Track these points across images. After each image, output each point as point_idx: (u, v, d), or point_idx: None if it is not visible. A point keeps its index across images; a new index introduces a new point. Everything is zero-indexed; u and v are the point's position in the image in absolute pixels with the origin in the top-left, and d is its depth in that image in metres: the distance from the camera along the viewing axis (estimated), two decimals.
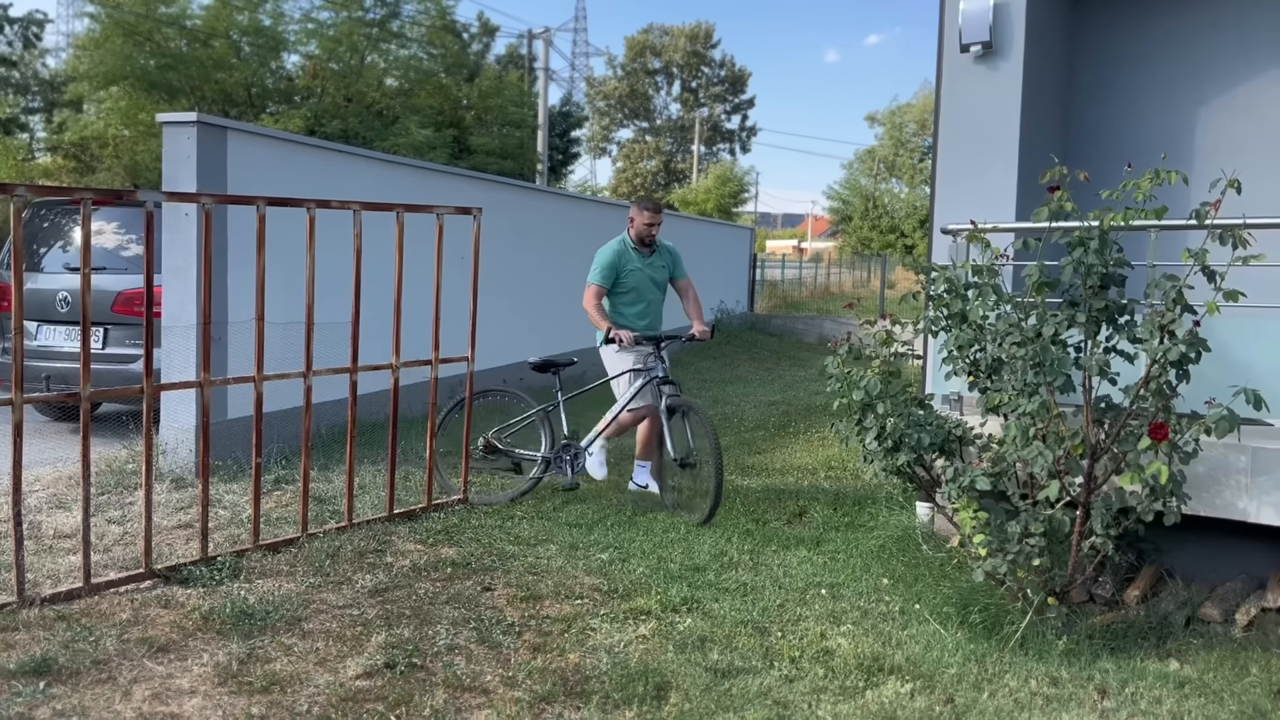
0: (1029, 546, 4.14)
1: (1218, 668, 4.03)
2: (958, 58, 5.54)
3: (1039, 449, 4.06)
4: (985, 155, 5.41)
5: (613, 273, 6.03)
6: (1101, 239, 4.06)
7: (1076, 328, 4.14)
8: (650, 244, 6.16)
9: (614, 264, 6.04)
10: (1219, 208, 3.91)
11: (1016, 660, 4.05)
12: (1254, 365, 4.39)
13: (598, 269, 6.03)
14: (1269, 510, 4.31)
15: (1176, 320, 3.93)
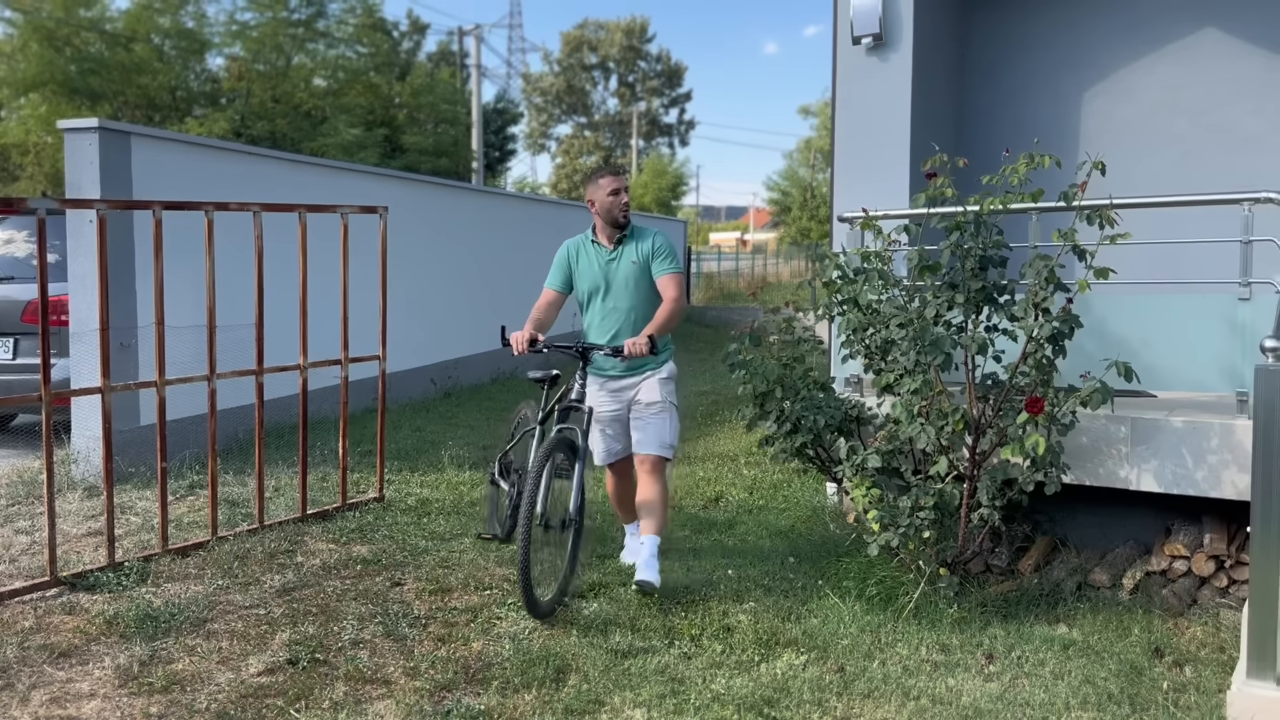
0: (919, 520, 4.29)
1: (1102, 630, 4.21)
2: (850, 51, 5.68)
3: (921, 426, 4.21)
4: (879, 145, 5.57)
5: (561, 272, 4.69)
6: (978, 222, 4.22)
7: (957, 308, 4.29)
8: (623, 226, 4.59)
9: (562, 262, 4.70)
10: (1085, 189, 4.08)
11: (909, 630, 4.20)
12: (1129, 339, 4.59)
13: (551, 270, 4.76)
14: (1148, 478, 4.51)
15: (1050, 298, 4.10)
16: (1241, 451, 4.30)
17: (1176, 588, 4.54)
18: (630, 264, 4.57)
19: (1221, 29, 5.37)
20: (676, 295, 4.47)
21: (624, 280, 4.57)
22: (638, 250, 4.57)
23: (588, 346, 4.42)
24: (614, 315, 4.59)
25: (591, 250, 4.66)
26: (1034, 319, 4.14)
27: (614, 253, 4.59)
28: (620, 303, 4.59)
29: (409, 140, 24.61)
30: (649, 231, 4.62)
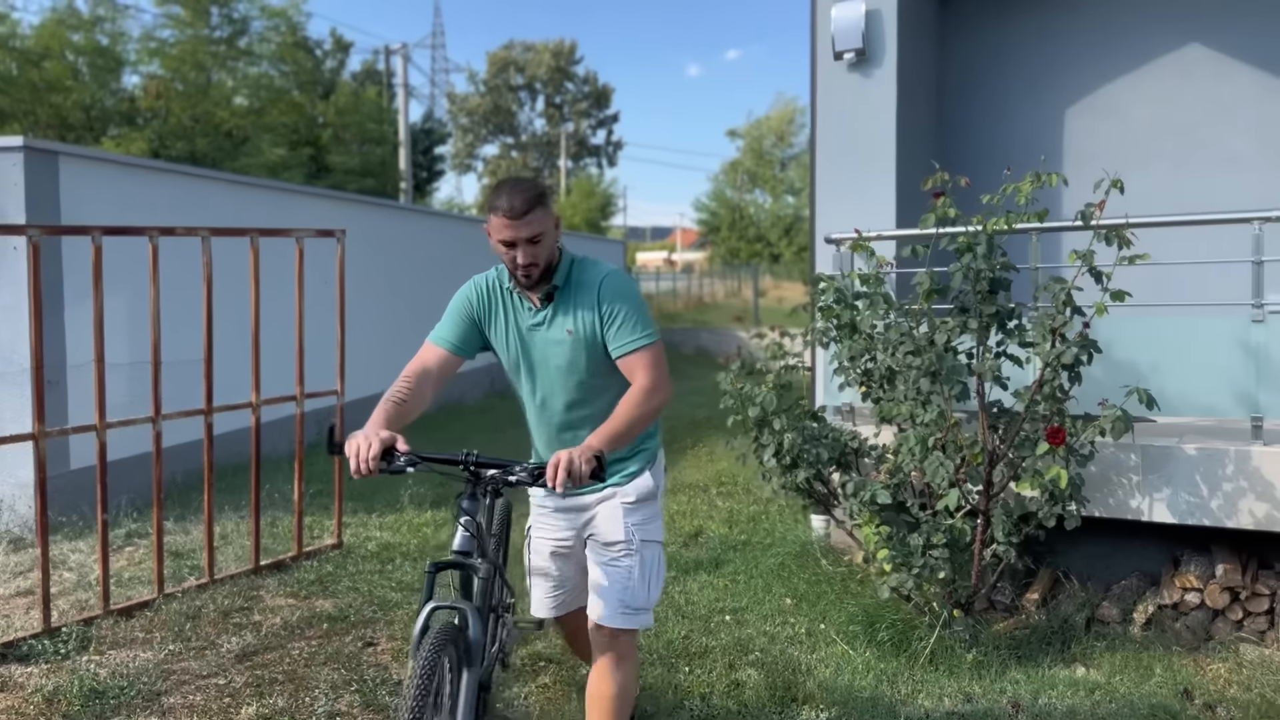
0: (934, 559, 4.05)
1: (1123, 670, 4.02)
2: (831, 66, 5.48)
3: (939, 459, 3.98)
4: (863, 162, 5.37)
5: (459, 324, 2.82)
6: (990, 244, 4.02)
7: (968, 334, 4.08)
8: (544, 278, 2.73)
9: (464, 309, 2.83)
10: (1104, 208, 3.90)
11: (928, 677, 3.95)
12: (1138, 363, 4.44)
13: (444, 316, 2.89)
14: (1161, 508, 4.34)
15: (1068, 322, 3.91)
16: (1259, 479, 4.15)
17: (1189, 621, 4.38)
18: (564, 336, 2.71)
19: (1206, 45, 5.30)
20: (651, 383, 2.65)
21: (555, 360, 2.75)
22: (576, 312, 2.70)
23: (481, 463, 2.52)
24: (547, 413, 2.83)
25: (510, 304, 2.78)
26: (1051, 345, 3.94)
27: (539, 315, 2.74)
28: (554, 396, 2.79)
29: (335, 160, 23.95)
30: (595, 274, 2.74)
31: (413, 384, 2.71)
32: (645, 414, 2.64)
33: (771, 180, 43.02)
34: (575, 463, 2.38)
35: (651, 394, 2.65)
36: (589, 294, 2.73)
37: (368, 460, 2.40)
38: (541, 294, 2.74)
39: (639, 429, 2.64)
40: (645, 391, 2.65)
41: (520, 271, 2.67)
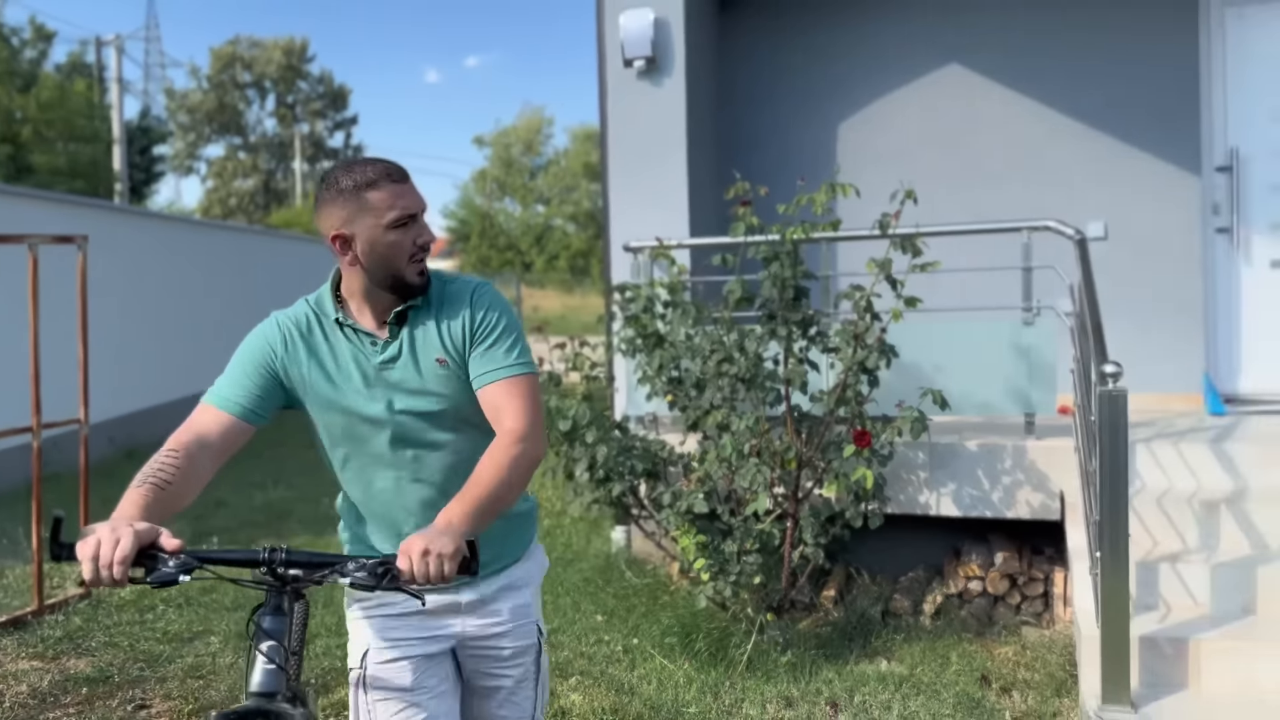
0: (749, 565, 4.06)
1: (923, 661, 4.18)
2: (621, 73, 5.43)
3: (754, 465, 3.99)
4: (656, 170, 5.35)
5: (254, 380, 2.05)
6: (795, 252, 4.08)
7: (776, 340, 4.13)
8: (420, 289, 2.06)
9: (260, 360, 2.07)
10: (899, 218, 4.06)
11: (749, 684, 3.94)
12: (923, 365, 4.66)
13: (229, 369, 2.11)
14: (947, 502, 4.58)
15: (869, 328, 4.04)
16: (1034, 471, 4.47)
17: (973, 608, 4.65)
18: (433, 369, 2.05)
19: (964, 66, 5.69)
20: (529, 426, 1.99)
21: (421, 406, 2.07)
22: (445, 337, 2.06)
23: (293, 562, 1.81)
24: (406, 488, 2.08)
25: (339, 342, 2.08)
26: (853, 350, 4.05)
27: (390, 348, 2.06)
28: (420, 462, 2.08)
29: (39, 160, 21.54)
30: (464, 285, 2.12)
31: (182, 460, 1.87)
32: (523, 471, 1.94)
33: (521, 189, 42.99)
34: (441, 551, 1.72)
35: (528, 441, 1.96)
36: (457, 308, 2.06)
37: (112, 566, 1.63)
38: (392, 319, 2.05)
39: (516, 493, 1.93)
40: (520, 438, 1.95)
41: (418, 262, 2.02)
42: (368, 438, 2.06)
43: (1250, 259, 5.58)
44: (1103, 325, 3.73)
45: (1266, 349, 5.57)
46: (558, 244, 40.07)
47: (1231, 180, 5.52)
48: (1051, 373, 4.53)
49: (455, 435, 2.07)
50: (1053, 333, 4.52)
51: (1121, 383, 3.26)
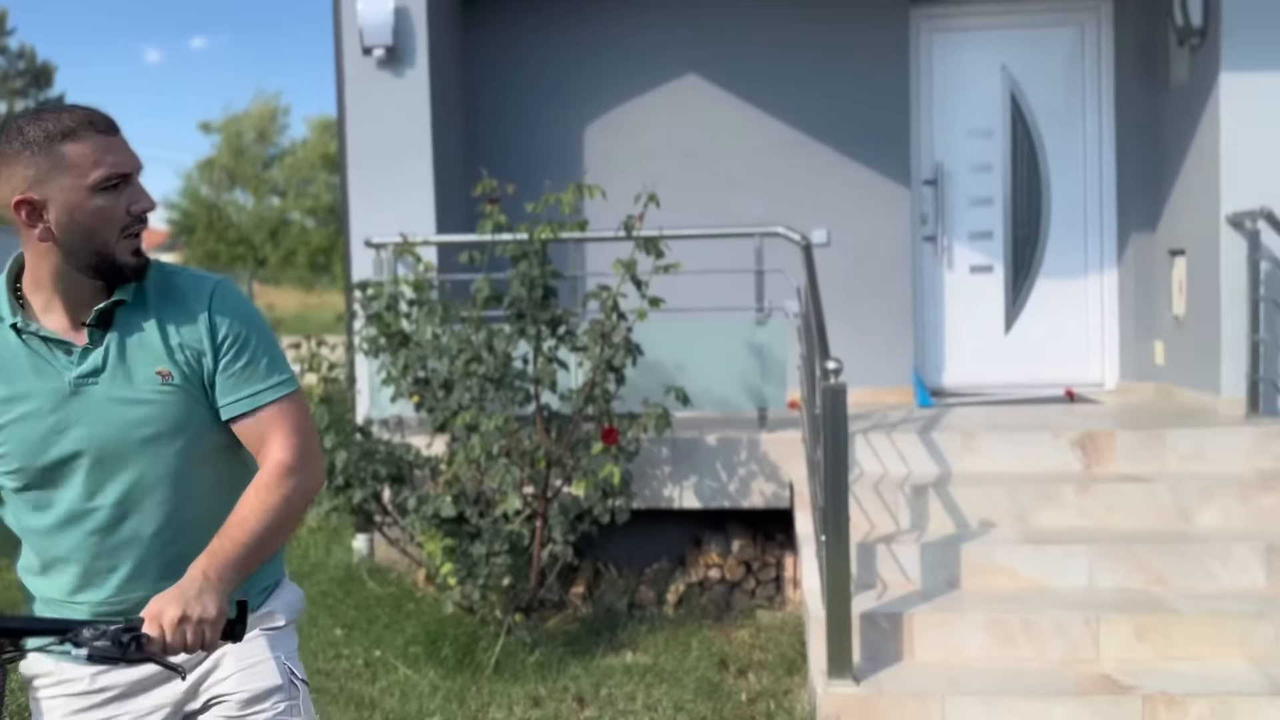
0: (498, 567, 4.02)
1: (666, 650, 4.31)
2: (360, 62, 5.23)
3: (504, 466, 3.96)
4: (399, 165, 5.20)
5: None
6: (544, 251, 4.08)
7: (526, 340, 4.12)
8: (136, 272, 1.63)
9: None
10: (643, 220, 4.15)
11: (496, 687, 3.91)
12: (665, 363, 4.80)
13: None
14: (690, 495, 4.74)
15: (615, 327, 4.10)
16: (767, 463, 4.71)
17: (713, 595, 4.84)
18: (153, 383, 1.64)
19: (702, 75, 5.91)
20: (297, 456, 1.66)
21: (137, 431, 1.64)
22: (170, 341, 1.65)
23: (7, 630, 1.50)
24: (120, 534, 1.67)
25: (25, 353, 1.63)
26: (600, 349, 4.10)
27: (94, 354, 1.63)
28: (138, 503, 1.66)
29: None
30: (199, 283, 1.71)
31: None
32: (297, 509, 1.65)
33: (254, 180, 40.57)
34: (202, 616, 1.45)
35: (300, 473, 1.65)
36: (190, 311, 1.65)
37: None
38: (91, 317, 1.61)
39: (287, 535, 1.68)
40: (289, 470, 1.63)
41: (134, 237, 1.60)
42: (63, 476, 1.63)
43: (953, 265, 6.16)
44: (825, 325, 3.99)
45: (967, 347, 6.17)
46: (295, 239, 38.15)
47: (937, 193, 6.07)
48: (782, 369, 4.79)
49: (180, 465, 1.66)
50: (783, 332, 4.79)
51: (841, 378, 3.49)
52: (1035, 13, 5.98)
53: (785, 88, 5.87)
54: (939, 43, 6.08)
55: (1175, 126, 5.36)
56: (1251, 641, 3.59)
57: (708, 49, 5.89)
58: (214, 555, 1.53)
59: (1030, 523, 4.25)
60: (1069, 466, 4.54)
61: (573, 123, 5.94)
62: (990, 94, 6.06)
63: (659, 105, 5.91)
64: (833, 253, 5.89)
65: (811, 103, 5.86)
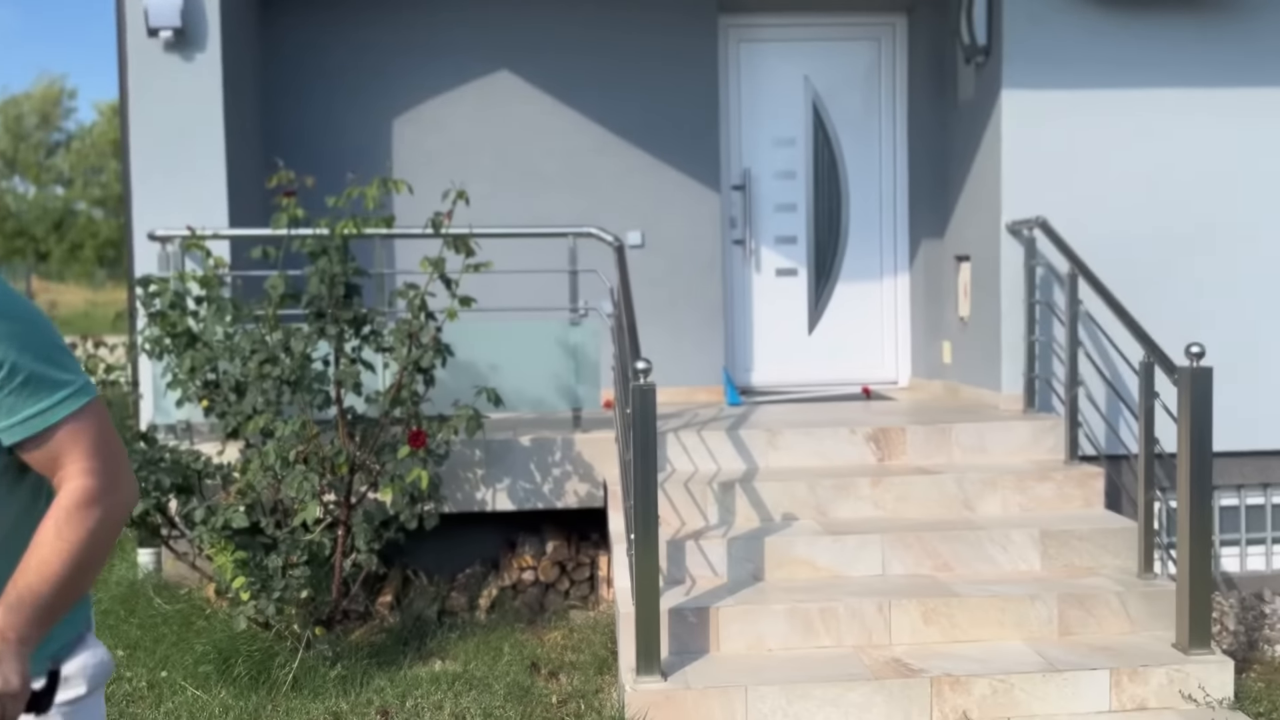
0: (295, 579, 3.83)
1: (476, 656, 4.23)
2: (145, 44, 4.89)
3: (302, 473, 3.77)
4: (188, 155, 4.89)
5: None
6: (345, 247, 3.92)
7: (325, 340, 3.94)
8: None
9: None
10: (452, 217, 4.06)
11: (294, 705, 3.72)
12: (478, 364, 4.72)
13: None
14: (503, 497, 4.68)
15: (423, 327, 3.99)
16: (581, 463, 4.70)
17: (527, 597, 4.79)
18: None
19: (514, 72, 5.83)
20: (98, 483, 1.42)
21: None
22: None
23: None
24: None
25: None
26: (407, 350, 3.98)
27: None
28: None
29: None
30: None
31: None
32: (105, 541, 1.42)
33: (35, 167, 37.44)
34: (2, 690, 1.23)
35: (105, 498, 1.42)
36: None
37: None
38: None
39: (95, 574, 1.43)
40: (92, 498, 1.41)
41: None
42: None
43: (760, 268, 6.34)
44: (636, 325, 4.01)
45: (774, 346, 6.37)
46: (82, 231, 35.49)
47: (745, 198, 6.23)
48: (596, 370, 4.80)
49: None
50: (597, 332, 4.79)
51: (651, 378, 3.51)
52: (836, 27, 6.23)
53: (600, 90, 5.89)
54: (746, 52, 6.25)
55: (962, 140, 5.71)
56: (1027, 623, 3.85)
57: (521, 48, 5.83)
58: (11, 610, 1.29)
59: (829, 515, 4.41)
60: (865, 460, 4.75)
61: (380, 116, 5.75)
62: (794, 104, 6.28)
63: (471, 101, 5.81)
64: (647, 254, 5.95)
65: (626, 106, 5.90)
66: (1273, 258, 5.14)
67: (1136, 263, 5.11)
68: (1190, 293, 5.14)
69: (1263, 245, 5.13)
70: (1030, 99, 5.10)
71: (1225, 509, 5.33)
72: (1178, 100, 5.10)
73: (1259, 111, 5.11)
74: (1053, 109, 5.10)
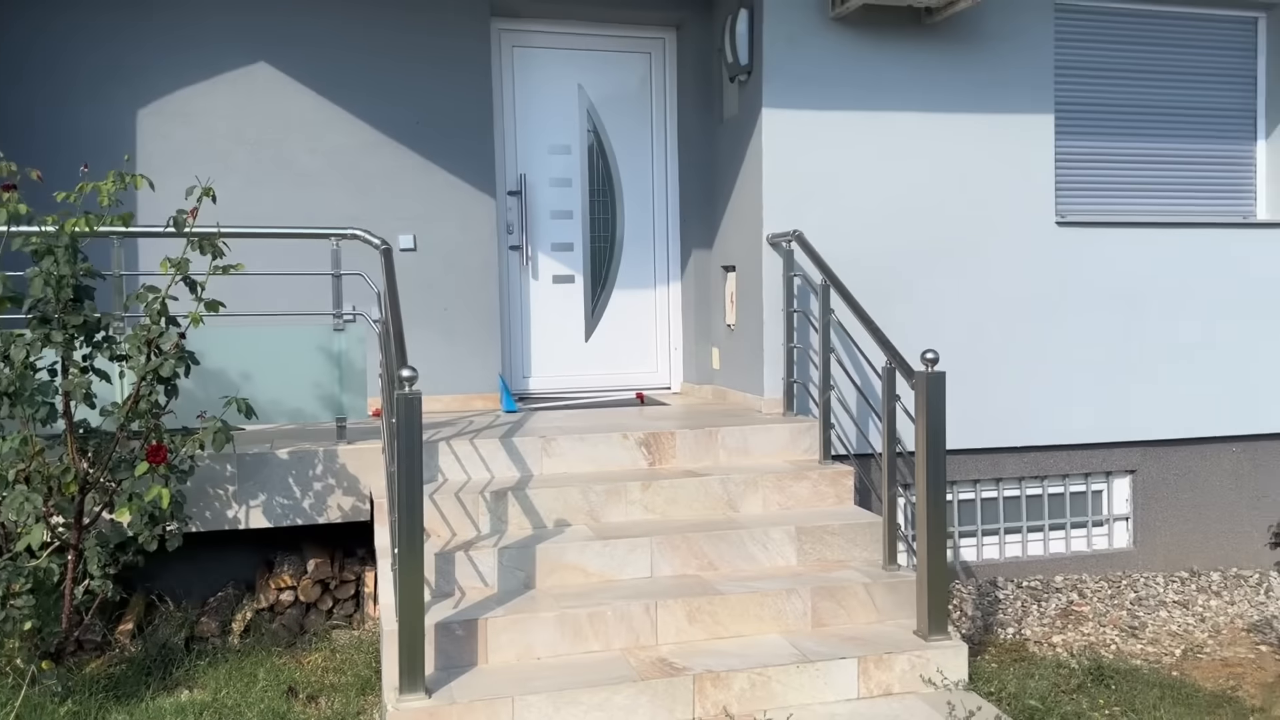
0: (16, 610, 3.47)
1: (228, 683, 3.98)
2: None
3: (23, 494, 3.42)
4: None
5: None
6: (74, 246, 3.59)
7: (51, 348, 3.60)
8: None
9: None
10: (196, 215, 3.80)
11: None
12: (229, 372, 4.44)
13: None
14: (258, 514, 4.42)
15: (164, 333, 3.71)
16: (345, 475, 4.51)
17: (286, 619, 4.56)
18: None
19: (273, 64, 5.53)
20: None
21: None
22: None
23: None
24: None
25: None
26: (146, 358, 3.69)
27: None
28: None
29: None
30: None
31: None
32: None
33: None
34: None
35: None
36: None
37: None
38: None
39: None
40: None
41: None
42: None
43: (538, 274, 6.33)
44: (404, 332, 3.90)
45: (551, 353, 6.37)
46: None
47: (521, 204, 6.20)
48: (362, 378, 4.63)
49: None
50: (363, 339, 4.62)
51: (418, 386, 3.42)
52: (608, 38, 6.32)
53: (371, 89, 5.70)
54: (520, 57, 6.23)
55: (727, 154, 5.92)
56: (784, 616, 4.02)
57: (282, 40, 5.56)
58: None
59: (601, 520, 4.45)
60: (637, 464, 4.82)
61: (123, 108, 5.32)
62: (569, 112, 6.31)
63: (225, 94, 5.48)
64: (421, 258, 5.81)
65: (398, 106, 5.74)
66: (1000, 272, 5.62)
67: (886, 275, 5.46)
68: (932, 303, 5.54)
69: (992, 260, 5.60)
70: (789, 118, 5.35)
71: (964, 502, 5.78)
72: (921, 123, 5.49)
73: (991, 136, 5.58)
74: (810, 128, 5.37)
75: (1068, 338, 5.70)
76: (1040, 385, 5.67)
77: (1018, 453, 5.74)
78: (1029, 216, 5.63)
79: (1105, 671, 4.28)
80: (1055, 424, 5.71)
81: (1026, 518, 5.86)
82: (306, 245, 4.99)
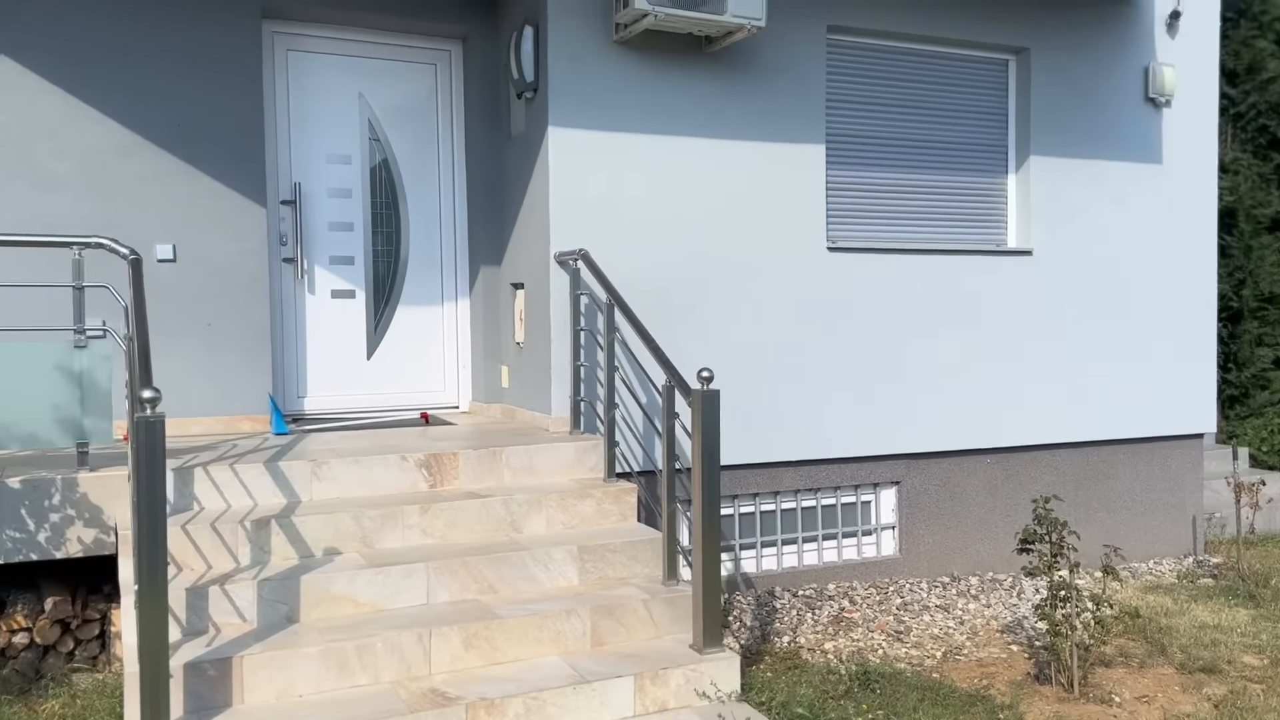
0: None
1: None
2: None
3: None
4: None
5: None
6: None
7: None
8: None
9: None
10: None
11: None
12: None
13: None
14: None
15: None
16: (87, 505, 4.13)
17: (20, 664, 4.14)
18: None
19: (18, 62, 5.04)
20: None
21: None
22: None
23: None
24: None
25: None
26: None
27: None
28: None
29: None
30: None
31: None
32: None
33: None
34: None
35: None
36: None
37: None
38: None
39: None
40: None
41: None
42: None
43: (314, 289, 6.05)
44: (150, 349, 3.61)
45: (330, 372, 6.10)
46: None
47: (296, 214, 5.92)
48: (107, 399, 4.26)
49: None
50: (109, 356, 4.25)
51: (161, 408, 3.17)
52: (390, 47, 6.14)
53: (129, 89, 5.29)
54: (295, 61, 5.96)
55: (516, 171, 5.86)
56: (564, 637, 3.97)
57: (23, 32, 5.08)
58: None
59: (375, 546, 4.27)
60: (416, 487, 4.67)
61: None
62: (349, 121, 6.09)
63: None
64: (181, 269, 5.44)
65: (160, 108, 5.35)
66: (777, 294, 5.82)
67: (670, 294, 5.55)
68: (714, 323, 5.67)
69: (769, 282, 5.80)
70: (575, 137, 5.36)
71: (744, 515, 5.93)
72: (703, 148, 5.62)
73: (769, 163, 5.78)
74: (596, 147, 5.39)
75: (839, 356, 5.97)
76: (814, 401, 5.91)
77: (794, 466, 5.95)
78: (803, 241, 5.86)
79: (871, 676, 4.47)
80: (828, 438, 5.96)
81: (802, 529, 6.07)
82: (54, 256, 4.55)
